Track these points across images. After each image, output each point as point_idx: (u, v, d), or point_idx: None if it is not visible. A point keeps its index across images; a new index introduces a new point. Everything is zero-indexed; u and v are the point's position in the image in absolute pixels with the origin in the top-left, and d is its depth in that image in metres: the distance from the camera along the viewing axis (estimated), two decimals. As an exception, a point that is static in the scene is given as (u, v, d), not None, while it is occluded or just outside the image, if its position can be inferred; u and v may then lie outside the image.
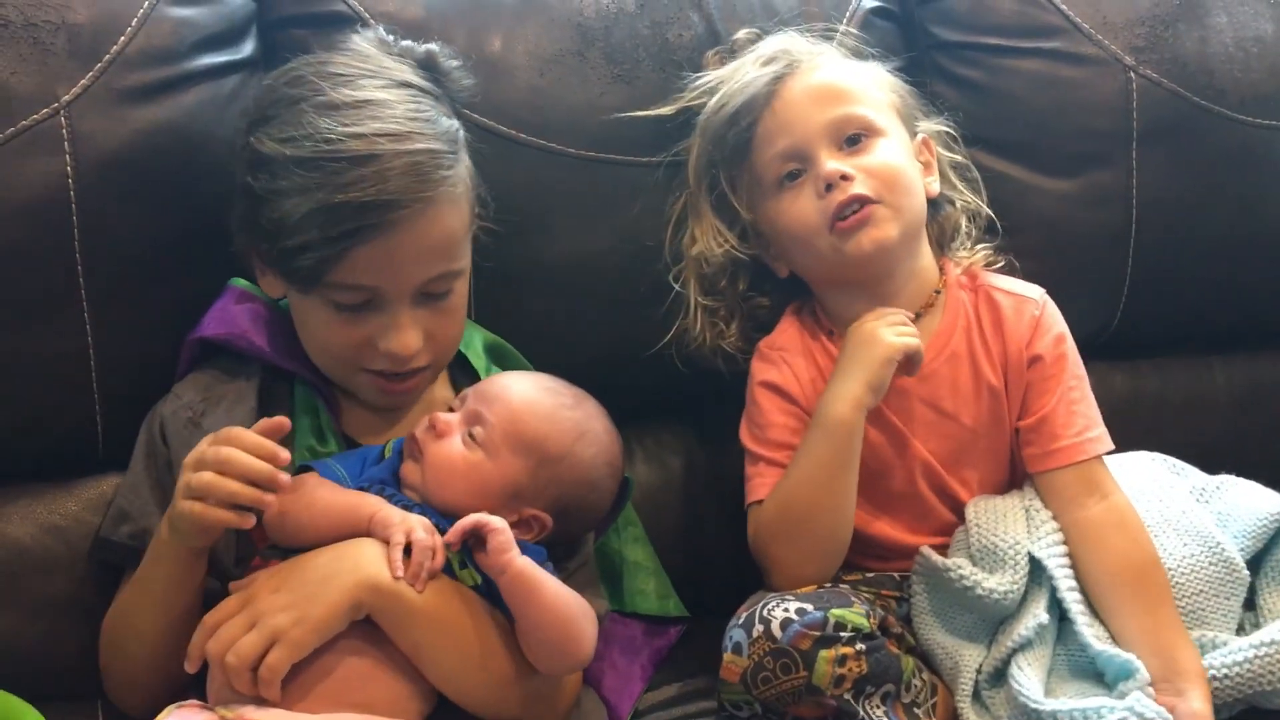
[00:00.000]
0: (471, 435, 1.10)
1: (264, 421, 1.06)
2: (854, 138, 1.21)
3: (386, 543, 1.03)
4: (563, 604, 1.06)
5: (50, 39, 1.16)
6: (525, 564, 1.04)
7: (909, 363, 1.19)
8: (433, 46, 1.20)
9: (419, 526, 1.04)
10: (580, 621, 1.07)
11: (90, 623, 1.16)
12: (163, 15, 1.21)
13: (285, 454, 1.03)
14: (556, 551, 1.14)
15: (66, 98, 1.15)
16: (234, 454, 1.03)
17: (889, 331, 1.18)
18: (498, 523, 1.04)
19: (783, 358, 1.25)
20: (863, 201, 1.18)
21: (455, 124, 1.15)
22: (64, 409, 1.21)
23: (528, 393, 1.13)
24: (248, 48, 1.28)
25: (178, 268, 1.22)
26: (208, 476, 1.02)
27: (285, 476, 1.03)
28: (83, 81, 1.16)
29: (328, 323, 1.13)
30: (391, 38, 1.20)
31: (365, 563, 1.03)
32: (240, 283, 1.23)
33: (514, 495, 1.10)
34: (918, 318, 1.24)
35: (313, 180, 1.06)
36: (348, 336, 1.13)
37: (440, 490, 1.08)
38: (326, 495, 1.06)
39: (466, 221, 1.15)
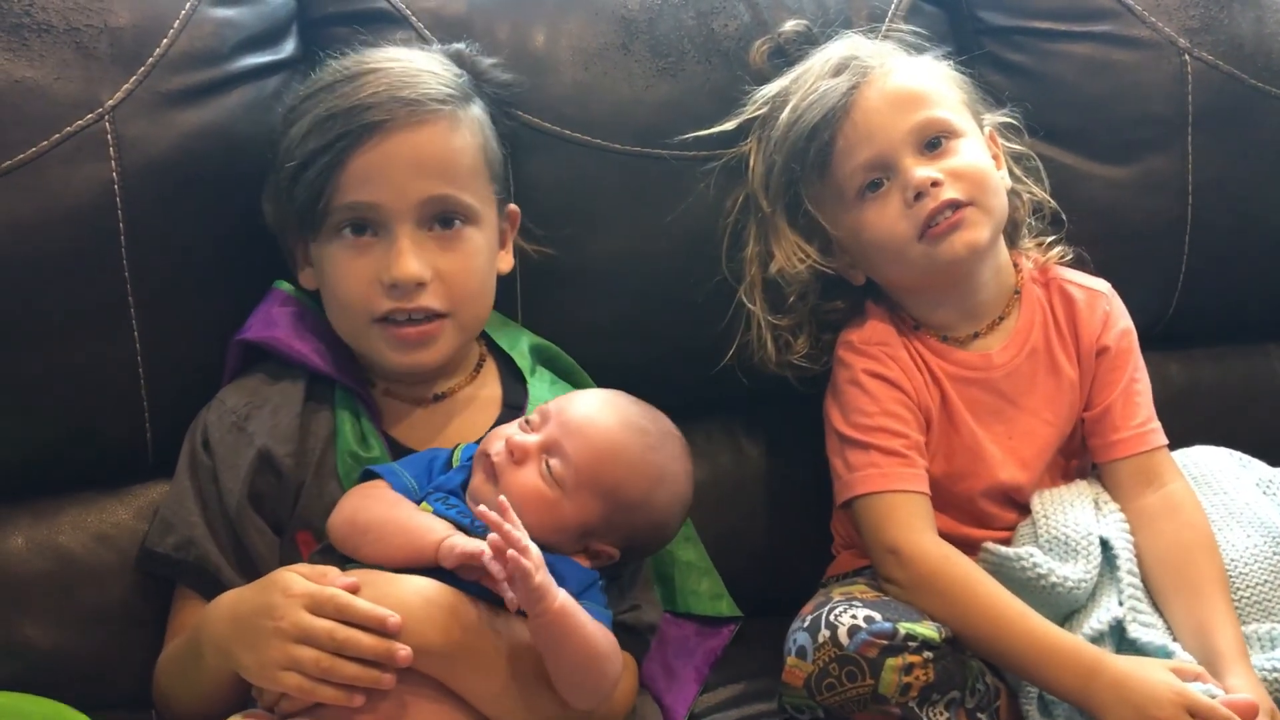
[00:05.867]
0: (549, 467, 1.06)
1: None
2: (935, 141, 1.19)
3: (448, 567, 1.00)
4: (591, 646, 1.01)
5: (93, 43, 1.14)
6: (559, 610, 0.98)
7: None
8: (461, 46, 1.22)
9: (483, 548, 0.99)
10: (606, 662, 1.03)
11: (145, 632, 1.15)
12: (204, 16, 1.19)
13: (396, 618, 0.97)
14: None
15: (111, 102, 1.14)
16: (350, 635, 0.96)
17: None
18: (538, 576, 0.96)
19: (884, 351, 1.22)
20: (955, 206, 1.16)
21: (464, 74, 1.19)
22: (113, 416, 1.19)
23: (612, 432, 1.09)
24: (289, 47, 1.26)
25: (225, 271, 1.21)
26: (325, 662, 0.96)
27: (404, 650, 0.96)
28: (126, 86, 1.15)
29: (339, 262, 1.13)
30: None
31: (408, 623, 0.98)
32: (284, 286, 1.22)
33: (585, 533, 1.08)
34: (1000, 320, 1.24)
35: (315, 101, 1.13)
36: (358, 275, 1.12)
37: None
38: (398, 516, 1.04)
39: (474, 156, 1.16)
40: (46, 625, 1.17)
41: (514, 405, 1.21)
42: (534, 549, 0.97)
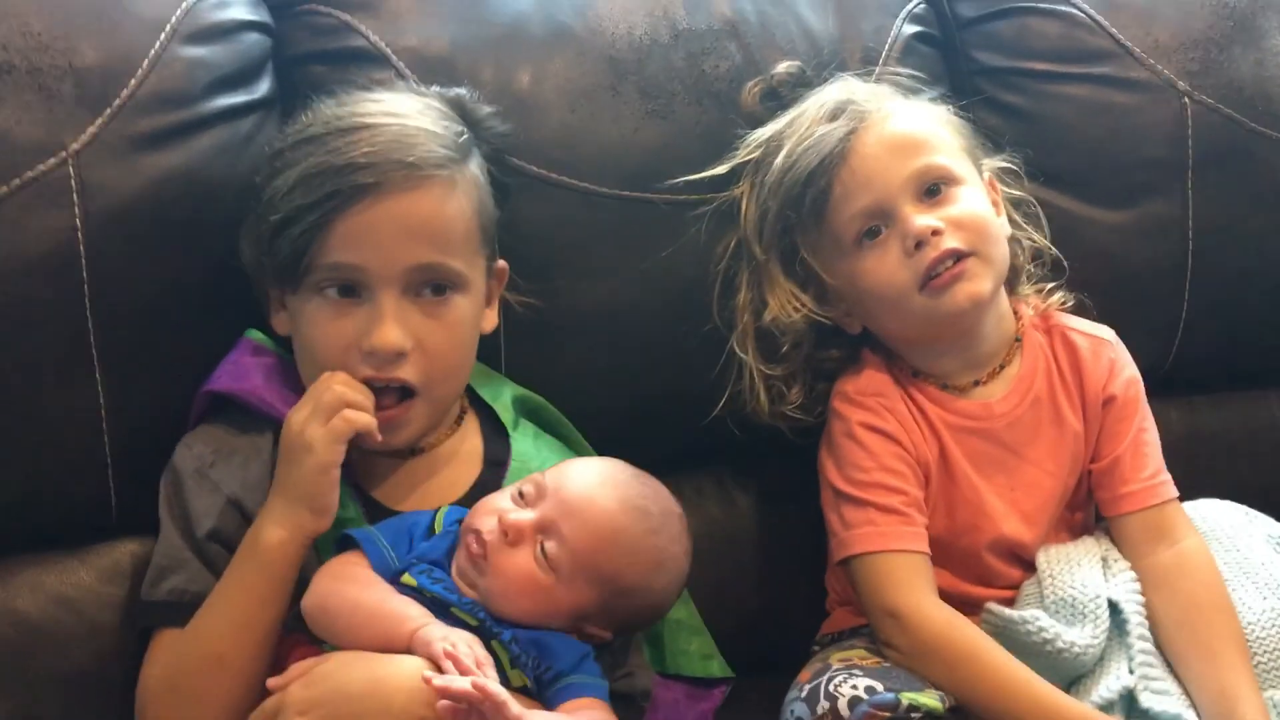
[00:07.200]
0: (544, 550, 1.02)
1: None
2: (934, 188, 1.16)
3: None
4: None
5: (57, 85, 1.09)
6: None
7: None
8: (462, 92, 1.18)
9: (462, 644, 0.96)
10: None
11: (112, 698, 1.10)
12: (175, 55, 1.14)
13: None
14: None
15: (75, 146, 1.09)
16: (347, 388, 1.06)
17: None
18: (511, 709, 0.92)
19: (880, 403, 1.18)
20: (957, 256, 1.13)
21: (464, 132, 1.13)
22: (75, 473, 1.14)
23: (613, 515, 1.04)
24: (264, 87, 1.21)
25: (193, 322, 1.16)
26: (339, 389, 1.05)
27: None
28: (91, 129, 1.10)
29: (317, 321, 1.09)
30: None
31: (398, 705, 0.95)
32: (255, 335, 1.17)
33: (579, 617, 1.04)
34: (1001, 368, 1.20)
35: (306, 152, 1.08)
36: (336, 336, 1.08)
37: (504, 603, 1.02)
38: (371, 602, 1.00)
39: (468, 222, 1.11)
40: (5, 693, 1.11)
41: (496, 460, 1.17)
42: (504, 699, 0.92)
